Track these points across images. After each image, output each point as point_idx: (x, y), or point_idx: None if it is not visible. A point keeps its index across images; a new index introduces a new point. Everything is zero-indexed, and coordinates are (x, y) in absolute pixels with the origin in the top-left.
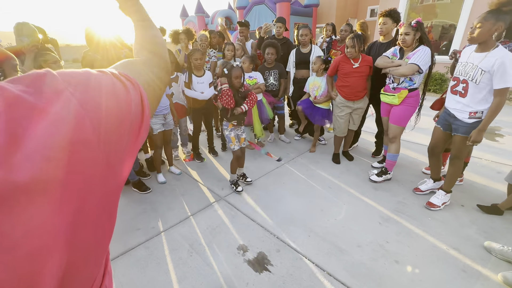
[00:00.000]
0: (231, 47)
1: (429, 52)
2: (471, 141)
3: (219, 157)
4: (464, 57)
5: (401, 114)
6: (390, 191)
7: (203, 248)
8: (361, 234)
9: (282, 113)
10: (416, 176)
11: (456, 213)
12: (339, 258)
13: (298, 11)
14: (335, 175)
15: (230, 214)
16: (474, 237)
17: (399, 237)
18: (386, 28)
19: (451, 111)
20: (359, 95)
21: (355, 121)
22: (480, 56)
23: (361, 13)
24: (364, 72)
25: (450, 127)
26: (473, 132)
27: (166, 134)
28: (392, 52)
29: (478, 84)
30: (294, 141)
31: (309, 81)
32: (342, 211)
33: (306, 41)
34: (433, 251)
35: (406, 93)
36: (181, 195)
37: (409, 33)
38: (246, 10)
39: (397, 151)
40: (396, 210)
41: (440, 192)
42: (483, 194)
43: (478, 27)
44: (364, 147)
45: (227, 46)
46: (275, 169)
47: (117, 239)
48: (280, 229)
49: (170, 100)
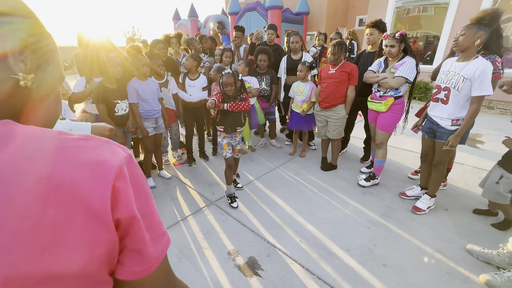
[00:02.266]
0: (229, 54)
1: (414, 63)
2: (449, 146)
3: (210, 161)
4: (445, 66)
5: (387, 120)
6: (378, 195)
7: (193, 253)
8: (350, 238)
9: (273, 118)
10: (403, 181)
11: (440, 217)
12: (329, 262)
13: (289, 19)
14: (325, 180)
15: (221, 218)
16: (457, 240)
17: (386, 240)
18: (373, 38)
19: (434, 119)
20: (332, 103)
21: (330, 129)
22: (461, 65)
23: (350, 22)
24: (339, 79)
25: (434, 134)
26: (451, 138)
27: (157, 138)
28: (377, 65)
29: (459, 91)
30: (285, 146)
31: (293, 86)
32: (331, 216)
33: (297, 48)
34: (419, 254)
35: (392, 101)
36: (171, 199)
37: (394, 45)
38: (238, 16)
39: (384, 157)
40: (384, 214)
41: (425, 197)
42: (465, 198)
43: (462, 34)
44: (353, 153)
45: (225, 52)
46: (266, 174)
47: None
48: (271, 234)
49: (162, 104)
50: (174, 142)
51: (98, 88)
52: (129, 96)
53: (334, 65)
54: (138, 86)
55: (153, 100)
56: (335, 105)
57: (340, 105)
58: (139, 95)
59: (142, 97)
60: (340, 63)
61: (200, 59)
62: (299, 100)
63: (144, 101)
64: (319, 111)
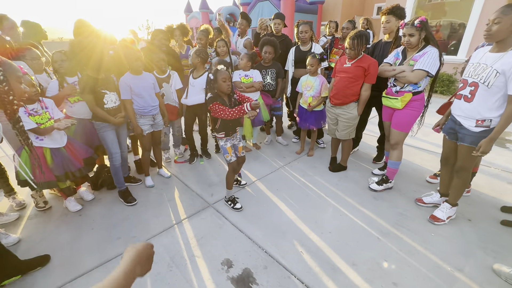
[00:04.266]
0: (222, 43)
1: (437, 53)
2: (480, 152)
3: (212, 159)
4: (476, 58)
5: (404, 119)
6: (391, 201)
7: (184, 262)
8: (357, 250)
9: (279, 114)
10: (420, 185)
11: (462, 229)
12: (332, 277)
13: (303, 8)
14: (333, 182)
15: (218, 223)
16: (482, 257)
17: (399, 255)
18: (390, 26)
19: (456, 118)
20: (342, 100)
21: (339, 128)
22: (495, 57)
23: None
24: (353, 74)
25: (456, 136)
26: (483, 142)
27: (155, 135)
28: (394, 56)
29: (489, 88)
30: (292, 144)
31: (302, 80)
32: (338, 224)
33: (306, 38)
34: (436, 272)
35: (410, 97)
36: (168, 200)
37: (413, 34)
38: (250, 7)
39: (399, 159)
40: (397, 223)
41: (445, 205)
42: (492, 207)
43: (495, 22)
44: (365, 152)
45: (218, 42)
46: (269, 174)
47: (94, 249)
48: (270, 243)
49: (161, 100)
50: (177, 139)
51: (82, 78)
52: (121, 92)
53: (351, 59)
54: (131, 81)
55: (149, 95)
56: (345, 103)
57: (352, 104)
58: (133, 91)
59: (136, 93)
60: (358, 56)
61: (206, 55)
62: (307, 95)
63: (139, 96)
64: (330, 107)
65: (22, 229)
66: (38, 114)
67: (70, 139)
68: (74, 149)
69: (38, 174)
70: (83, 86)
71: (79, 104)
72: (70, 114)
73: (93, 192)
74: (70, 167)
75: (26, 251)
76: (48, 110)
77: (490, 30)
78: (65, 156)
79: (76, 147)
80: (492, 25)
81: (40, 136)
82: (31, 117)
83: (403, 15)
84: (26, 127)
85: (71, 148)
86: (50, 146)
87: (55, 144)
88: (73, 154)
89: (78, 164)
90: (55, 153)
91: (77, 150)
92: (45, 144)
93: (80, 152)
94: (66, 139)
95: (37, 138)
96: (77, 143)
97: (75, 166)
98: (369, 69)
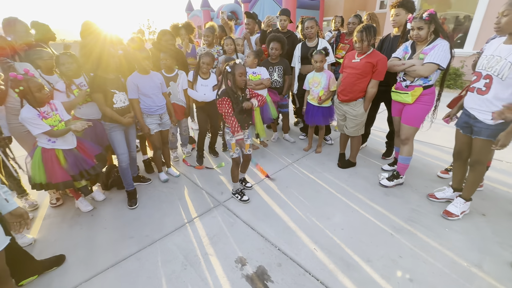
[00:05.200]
0: (229, 41)
1: (447, 46)
2: (499, 145)
3: (220, 158)
4: (489, 49)
5: (414, 113)
6: (403, 197)
7: (198, 260)
8: (371, 247)
9: (286, 111)
10: (431, 180)
11: (477, 224)
12: (347, 274)
13: (305, 4)
14: (343, 178)
15: (229, 221)
16: (498, 252)
17: (413, 251)
18: (400, 19)
19: (470, 112)
20: (349, 96)
21: (347, 125)
22: (509, 48)
23: (370, 5)
24: (361, 70)
25: (471, 129)
26: (501, 135)
27: (163, 134)
28: (403, 50)
29: (504, 80)
30: (299, 141)
31: (308, 77)
32: (350, 220)
33: (313, 33)
34: (452, 268)
35: (421, 91)
36: (178, 199)
37: (422, 27)
38: (251, 4)
39: (409, 154)
40: (410, 219)
41: (459, 200)
42: (506, 201)
43: (505, 15)
44: (373, 148)
45: (225, 40)
46: (278, 172)
47: (108, 248)
48: (283, 240)
49: (168, 99)
50: (184, 138)
51: (93, 78)
52: (129, 91)
53: (360, 53)
54: (139, 80)
55: (156, 95)
56: (353, 99)
57: (359, 100)
58: (140, 90)
59: (143, 92)
60: (368, 51)
61: (213, 58)
62: (315, 91)
63: (146, 96)
64: (338, 103)
65: (37, 229)
66: (49, 116)
67: (79, 139)
68: (85, 148)
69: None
70: (94, 85)
71: (87, 105)
72: (79, 116)
73: (104, 192)
74: (84, 166)
75: (41, 251)
76: (58, 112)
77: (499, 23)
78: (78, 155)
79: (87, 145)
80: (501, 18)
81: (52, 138)
82: (44, 120)
83: (413, 8)
84: (41, 130)
85: (82, 147)
86: (62, 148)
87: (67, 146)
88: (85, 153)
89: (91, 162)
90: (68, 154)
91: (88, 149)
92: (57, 146)
93: (91, 149)
94: (76, 140)
95: (49, 140)
96: (86, 142)
97: (88, 164)
98: (378, 65)
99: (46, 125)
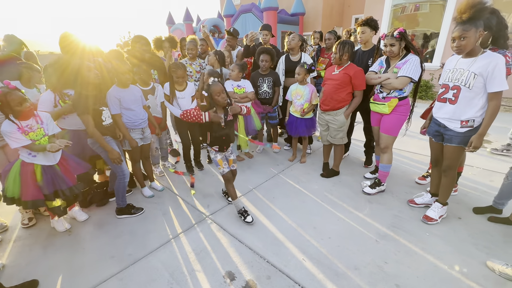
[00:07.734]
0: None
1: (418, 60)
2: (472, 147)
3: (205, 171)
4: (450, 64)
5: (392, 123)
6: (385, 204)
7: (185, 277)
8: (358, 254)
9: (275, 122)
10: (410, 186)
11: (454, 227)
12: (336, 283)
13: (285, 20)
14: (327, 187)
15: (216, 235)
16: (475, 253)
17: (398, 256)
18: (365, 36)
19: (440, 121)
20: (330, 106)
21: (331, 134)
22: (469, 61)
23: (346, 21)
24: (340, 81)
25: (442, 137)
26: (473, 138)
27: (144, 148)
28: (379, 65)
29: (471, 89)
30: (284, 151)
31: (291, 89)
32: (336, 228)
33: (295, 44)
34: (435, 271)
35: (396, 102)
36: (163, 214)
37: (394, 44)
38: (233, 18)
39: (389, 162)
40: (393, 225)
41: (436, 205)
42: (478, 204)
43: (462, 39)
44: (355, 157)
45: (211, 55)
46: (265, 182)
47: (86, 270)
48: (271, 252)
49: (149, 113)
50: (164, 151)
51: (78, 98)
52: (110, 106)
53: (339, 66)
54: (120, 94)
55: (138, 108)
56: (334, 109)
57: (340, 110)
58: (122, 104)
59: (125, 106)
60: (345, 64)
61: (184, 67)
62: (298, 104)
63: (128, 110)
64: (321, 114)
65: (6, 253)
66: (32, 130)
67: (66, 155)
68: (68, 165)
69: (25, 193)
70: (80, 106)
71: (73, 115)
72: (63, 126)
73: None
74: (61, 185)
75: (11, 276)
76: (43, 126)
77: (460, 46)
78: (57, 173)
79: (71, 163)
80: (459, 42)
81: (33, 152)
82: (24, 135)
83: (377, 26)
84: (19, 144)
85: (64, 165)
86: (42, 163)
87: (47, 162)
88: (66, 171)
89: (69, 182)
90: (46, 171)
91: (71, 166)
92: (37, 161)
93: (74, 168)
94: (59, 155)
95: (30, 154)
96: (72, 159)
97: (66, 184)
98: (354, 76)
99: (26, 139)
